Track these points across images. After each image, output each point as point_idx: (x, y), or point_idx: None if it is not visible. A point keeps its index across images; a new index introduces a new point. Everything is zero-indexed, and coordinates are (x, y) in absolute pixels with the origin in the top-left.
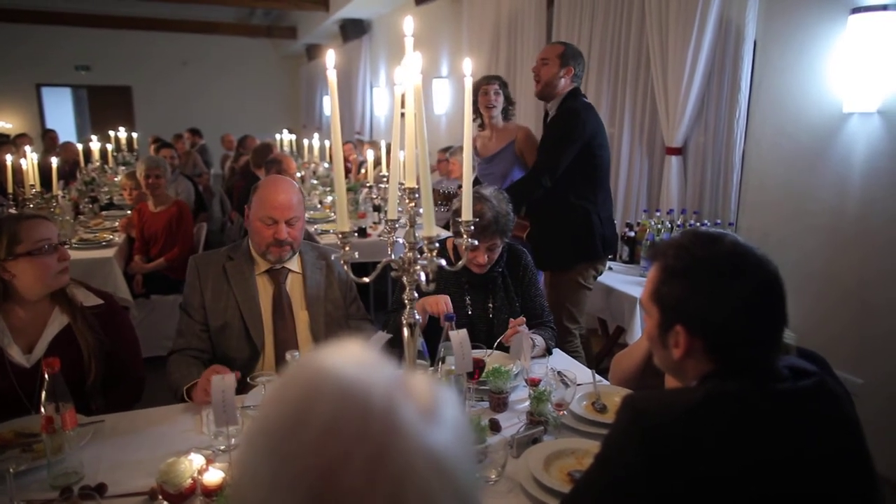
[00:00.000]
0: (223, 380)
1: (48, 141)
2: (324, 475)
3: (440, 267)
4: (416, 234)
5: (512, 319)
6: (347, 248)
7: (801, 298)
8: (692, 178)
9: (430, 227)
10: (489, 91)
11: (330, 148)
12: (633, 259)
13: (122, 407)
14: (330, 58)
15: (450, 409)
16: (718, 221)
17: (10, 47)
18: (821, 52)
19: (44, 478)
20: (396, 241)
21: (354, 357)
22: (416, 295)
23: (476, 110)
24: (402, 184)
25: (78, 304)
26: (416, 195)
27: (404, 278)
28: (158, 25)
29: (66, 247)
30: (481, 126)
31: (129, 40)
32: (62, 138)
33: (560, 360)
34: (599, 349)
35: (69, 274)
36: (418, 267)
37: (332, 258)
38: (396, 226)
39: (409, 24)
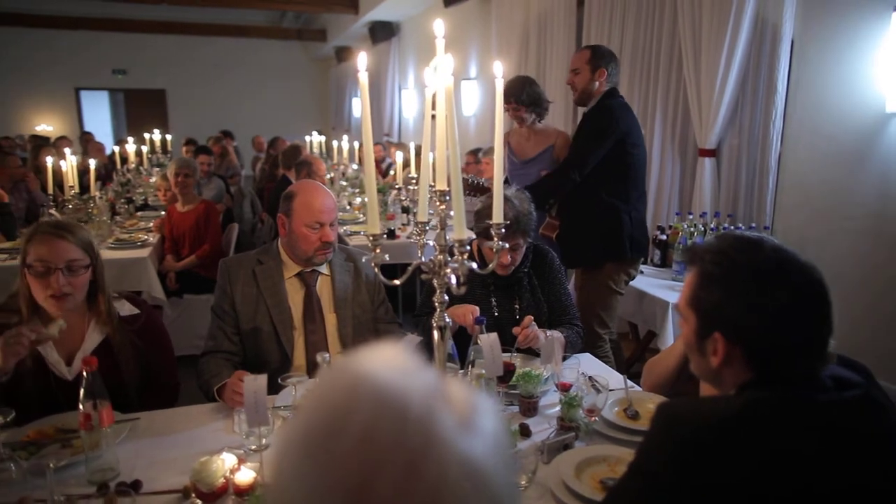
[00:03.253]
0: (255, 380)
1: (85, 143)
2: (360, 483)
3: (469, 269)
4: (447, 237)
5: (528, 318)
6: (378, 251)
7: (838, 304)
8: (726, 181)
9: (461, 230)
10: (508, 110)
11: (359, 149)
12: (664, 262)
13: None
14: (362, 60)
15: (488, 417)
16: (753, 225)
17: (51, 52)
18: (862, 51)
19: (82, 473)
20: (427, 244)
21: (393, 362)
22: (446, 298)
23: None
24: (432, 186)
25: (115, 316)
26: (447, 197)
27: (434, 281)
28: (192, 30)
29: (84, 270)
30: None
31: (164, 44)
32: (99, 140)
33: (591, 364)
34: (630, 354)
35: (69, 301)
36: (449, 270)
37: (363, 260)
38: (426, 228)
39: (439, 26)
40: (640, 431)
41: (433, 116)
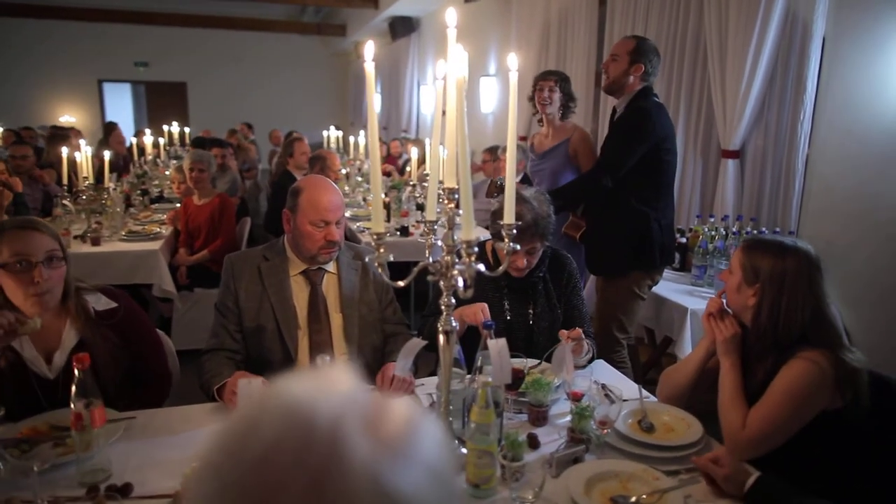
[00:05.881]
0: (250, 384)
1: (108, 133)
2: (262, 502)
3: (478, 272)
4: (455, 237)
5: (564, 331)
6: (382, 250)
7: (869, 312)
8: (750, 183)
9: (468, 230)
10: (544, 88)
11: None
12: (684, 267)
13: (151, 405)
14: (369, 49)
15: (426, 445)
16: (778, 229)
17: (74, 44)
18: None
19: (73, 473)
20: (435, 244)
21: (316, 379)
22: (453, 301)
23: (535, 105)
24: (442, 182)
25: (90, 314)
26: (456, 195)
27: (441, 283)
28: (213, 23)
29: (62, 262)
30: (540, 122)
31: (185, 37)
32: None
33: (605, 372)
34: (646, 359)
35: (44, 299)
36: (455, 271)
37: (367, 259)
38: (436, 227)
39: (451, 15)
40: (655, 446)
41: (444, 112)
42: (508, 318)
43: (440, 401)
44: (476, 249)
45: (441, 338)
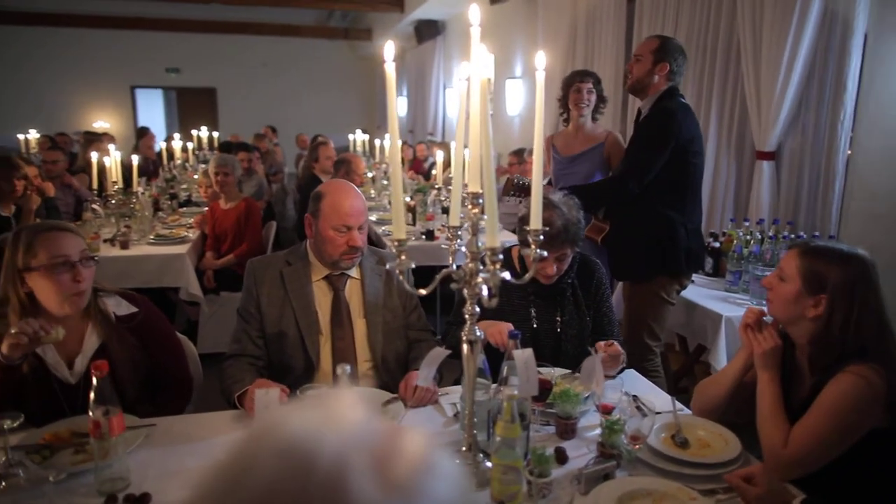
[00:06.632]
0: (267, 394)
1: (139, 138)
2: None
3: (504, 279)
4: (479, 243)
5: (601, 343)
6: (404, 257)
7: None
8: (786, 186)
9: (493, 237)
10: (582, 89)
11: (401, 148)
12: (717, 272)
13: (172, 410)
14: (389, 50)
15: (442, 488)
16: (816, 234)
17: (108, 51)
18: None
19: (92, 481)
20: (458, 250)
21: (319, 409)
22: (477, 309)
23: (564, 106)
24: (466, 186)
25: (111, 319)
26: (480, 200)
27: (465, 291)
28: (242, 29)
29: (93, 263)
30: (566, 122)
31: (215, 43)
32: (156, 138)
33: (636, 382)
34: (678, 367)
35: (84, 297)
36: (480, 279)
37: (388, 266)
38: (459, 233)
39: (475, 13)
40: (690, 462)
41: (468, 115)
42: (535, 326)
43: (464, 411)
44: (501, 257)
45: (465, 347)
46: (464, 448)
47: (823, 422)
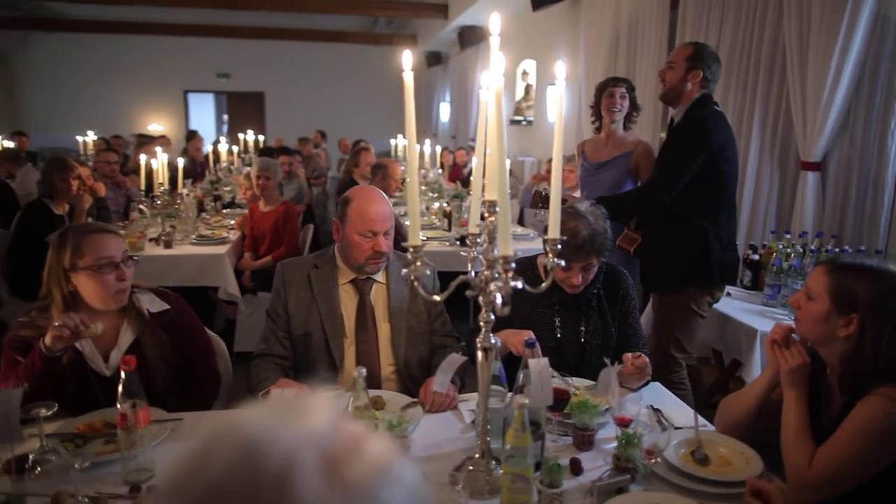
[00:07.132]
0: (282, 394)
1: (188, 141)
2: None
3: (527, 285)
4: (495, 252)
5: (629, 354)
6: (419, 263)
7: None
8: (832, 197)
9: (506, 245)
10: (615, 94)
11: (441, 154)
12: (755, 285)
13: (199, 406)
14: (407, 59)
15: (396, 495)
16: (862, 248)
17: (162, 57)
18: None
19: (119, 470)
20: (477, 258)
21: (282, 409)
22: (492, 317)
23: (596, 113)
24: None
25: (145, 315)
26: (496, 208)
27: (480, 299)
28: (290, 35)
29: (133, 263)
30: (598, 129)
31: (264, 49)
32: (204, 141)
33: (660, 395)
34: (712, 382)
35: (126, 294)
36: (493, 287)
37: (403, 272)
38: (478, 241)
39: (495, 21)
40: (708, 480)
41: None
42: (559, 335)
43: (479, 418)
44: (513, 266)
45: (479, 355)
46: (477, 455)
47: (849, 445)
